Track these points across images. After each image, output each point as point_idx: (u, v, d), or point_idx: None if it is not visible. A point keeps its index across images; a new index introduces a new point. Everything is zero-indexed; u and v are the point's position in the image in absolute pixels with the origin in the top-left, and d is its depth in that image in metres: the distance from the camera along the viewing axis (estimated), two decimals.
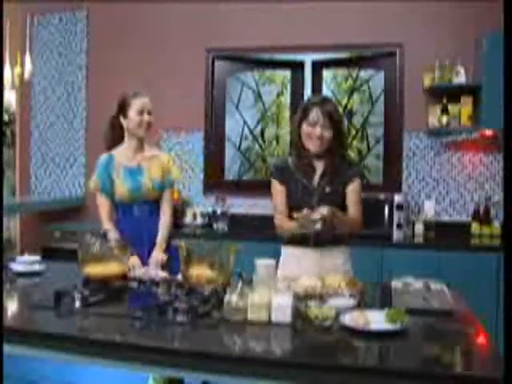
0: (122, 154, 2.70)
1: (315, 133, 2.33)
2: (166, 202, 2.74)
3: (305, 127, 2.36)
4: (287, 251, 2.51)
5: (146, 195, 2.67)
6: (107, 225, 2.64)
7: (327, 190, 2.39)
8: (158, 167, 2.71)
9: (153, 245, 2.64)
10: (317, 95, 2.47)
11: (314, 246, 2.40)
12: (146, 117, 2.64)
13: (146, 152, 2.73)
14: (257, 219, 4.20)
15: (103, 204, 2.68)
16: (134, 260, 2.43)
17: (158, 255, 2.60)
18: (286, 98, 4.57)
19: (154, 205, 2.73)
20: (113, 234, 2.52)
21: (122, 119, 2.67)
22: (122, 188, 2.64)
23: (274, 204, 2.53)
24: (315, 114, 2.33)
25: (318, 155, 2.39)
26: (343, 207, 2.40)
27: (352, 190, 2.41)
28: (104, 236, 2.24)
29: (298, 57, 4.41)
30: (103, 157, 2.73)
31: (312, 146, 2.36)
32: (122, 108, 2.66)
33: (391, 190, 4.00)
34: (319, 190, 2.39)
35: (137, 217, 2.67)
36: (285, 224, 2.44)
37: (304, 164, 2.42)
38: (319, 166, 2.43)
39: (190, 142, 4.46)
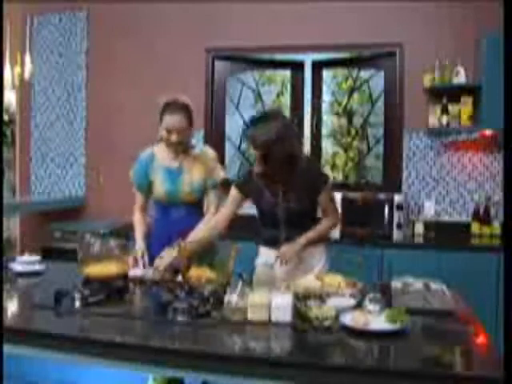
0: (164, 152, 2.59)
1: (257, 168, 2.28)
2: (210, 205, 2.63)
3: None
4: (262, 251, 2.54)
5: (182, 198, 2.58)
6: (137, 221, 2.62)
7: (292, 205, 2.36)
8: (201, 167, 2.59)
9: None
10: (255, 115, 2.35)
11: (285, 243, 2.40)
12: (173, 137, 2.46)
13: (189, 151, 2.60)
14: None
15: (137, 199, 2.66)
16: (133, 259, 2.42)
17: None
18: (286, 98, 4.57)
19: (193, 207, 2.62)
20: (140, 239, 2.54)
21: (159, 126, 2.52)
22: (160, 189, 2.57)
23: (224, 204, 2.55)
24: (252, 151, 2.26)
25: (264, 173, 2.30)
26: (311, 214, 2.45)
27: (324, 198, 2.42)
28: (104, 236, 2.23)
29: (298, 57, 4.41)
30: (145, 154, 2.63)
31: (256, 168, 2.30)
32: (160, 116, 2.50)
33: (391, 189, 4.00)
34: (284, 206, 2.37)
35: (173, 218, 2.59)
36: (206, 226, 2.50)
37: (264, 179, 2.35)
38: (281, 181, 2.35)
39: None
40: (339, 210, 2.51)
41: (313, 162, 2.53)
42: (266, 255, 2.49)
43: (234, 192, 2.49)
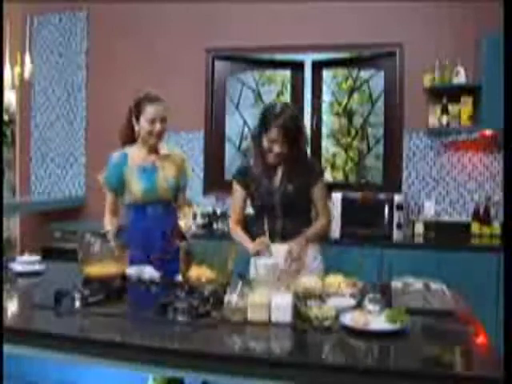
0: (136, 152, 2.61)
1: (274, 149, 2.37)
2: (182, 205, 2.67)
3: (264, 141, 2.39)
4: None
5: (160, 195, 2.58)
6: (108, 223, 2.63)
7: (289, 188, 2.44)
8: (173, 166, 2.63)
9: (164, 245, 2.54)
10: (277, 104, 2.43)
11: (281, 241, 2.43)
12: (157, 126, 2.51)
13: (160, 151, 2.64)
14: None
15: (108, 202, 2.66)
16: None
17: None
18: (286, 98, 4.57)
19: (168, 205, 2.63)
20: (111, 235, 2.52)
21: (134, 122, 2.56)
22: (136, 188, 2.55)
23: (232, 206, 2.65)
24: (274, 131, 2.33)
25: (277, 164, 2.45)
26: (306, 206, 2.52)
27: (318, 192, 2.49)
28: (104, 236, 2.23)
29: (298, 57, 4.41)
30: (116, 155, 2.62)
31: (271, 159, 2.42)
32: (136, 111, 2.55)
33: (391, 189, 4.00)
34: (281, 190, 2.45)
35: (151, 217, 2.58)
36: (235, 233, 2.58)
37: (267, 170, 2.48)
38: (280, 169, 2.48)
39: (190, 142, 4.46)
40: (339, 210, 2.55)
41: (309, 157, 2.66)
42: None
43: (237, 188, 2.57)
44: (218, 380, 1.63)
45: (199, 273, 2.04)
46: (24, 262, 2.53)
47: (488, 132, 3.82)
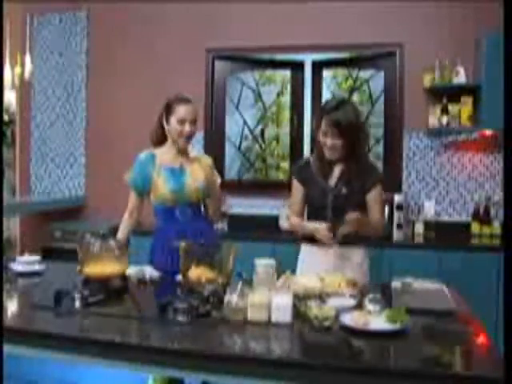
0: (165, 153, 2.58)
1: (326, 142, 2.37)
2: (213, 208, 2.69)
3: (320, 135, 2.39)
4: (306, 249, 2.55)
5: (188, 197, 2.55)
6: (124, 221, 2.62)
7: (343, 191, 2.42)
8: (201, 169, 2.61)
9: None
10: (333, 100, 2.46)
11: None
12: (187, 127, 2.50)
13: (189, 153, 2.63)
14: (257, 219, 4.20)
15: (130, 201, 2.62)
16: None
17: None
18: (286, 98, 4.57)
19: (198, 208, 2.61)
20: (121, 234, 2.56)
21: (164, 123, 2.55)
22: (164, 189, 2.52)
23: (290, 205, 2.62)
24: (324, 124, 2.34)
25: (335, 160, 2.43)
26: (357, 209, 2.44)
27: (373, 197, 2.45)
28: (104, 236, 2.22)
29: (298, 57, 4.41)
30: (143, 154, 2.60)
31: (327, 153, 2.41)
32: (166, 112, 2.53)
33: (391, 189, 3.99)
34: (335, 191, 2.43)
35: (180, 221, 2.54)
36: (297, 224, 2.55)
37: (323, 166, 2.46)
38: (337, 169, 2.46)
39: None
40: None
41: (370, 159, 2.62)
42: (307, 253, 2.53)
43: (296, 186, 2.55)
44: (218, 380, 1.63)
45: (199, 273, 2.04)
46: (24, 262, 2.53)
47: (488, 132, 3.82)
